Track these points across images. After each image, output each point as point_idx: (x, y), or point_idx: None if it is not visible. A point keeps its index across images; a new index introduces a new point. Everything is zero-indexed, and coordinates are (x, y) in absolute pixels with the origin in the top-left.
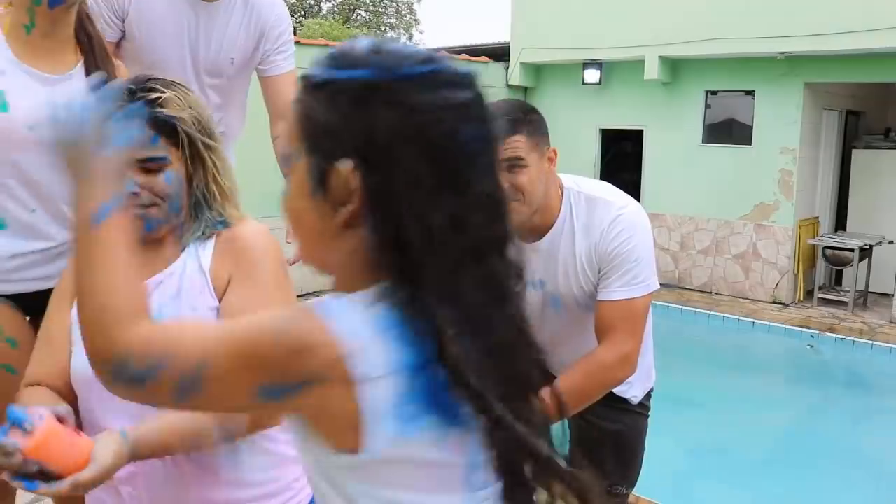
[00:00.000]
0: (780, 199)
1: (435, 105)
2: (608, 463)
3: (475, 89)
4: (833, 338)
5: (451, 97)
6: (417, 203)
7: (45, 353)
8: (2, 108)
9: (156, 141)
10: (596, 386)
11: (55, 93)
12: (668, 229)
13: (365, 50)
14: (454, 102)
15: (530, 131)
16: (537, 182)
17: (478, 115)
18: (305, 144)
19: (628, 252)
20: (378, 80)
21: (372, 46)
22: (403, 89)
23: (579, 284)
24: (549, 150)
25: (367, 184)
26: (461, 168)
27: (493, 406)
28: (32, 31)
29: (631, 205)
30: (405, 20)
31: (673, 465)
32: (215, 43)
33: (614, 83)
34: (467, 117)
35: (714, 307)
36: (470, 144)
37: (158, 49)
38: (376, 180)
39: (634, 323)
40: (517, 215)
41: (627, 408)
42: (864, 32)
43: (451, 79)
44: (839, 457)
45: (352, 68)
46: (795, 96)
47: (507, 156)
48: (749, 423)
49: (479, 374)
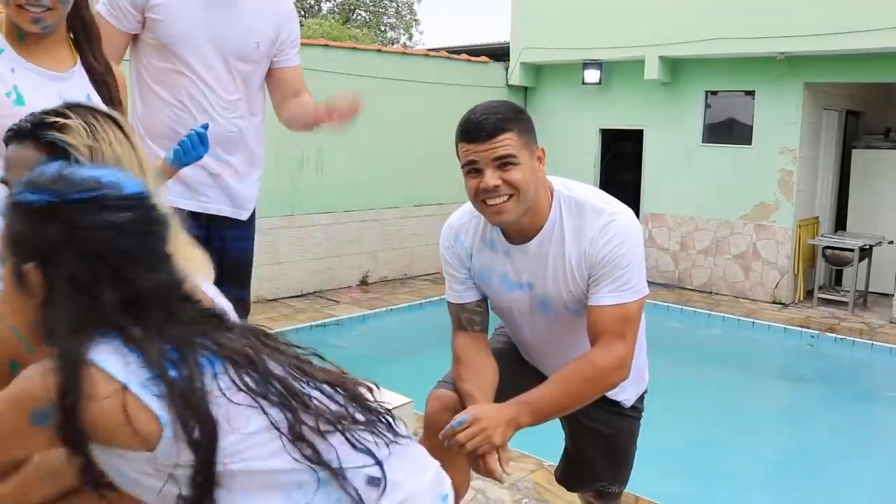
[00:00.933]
0: (780, 199)
1: (93, 224)
2: (600, 464)
3: (139, 208)
4: (833, 338)
5: (110, 217)
6: (74, 295)
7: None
8: (18, 102)
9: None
10: (589, 390)
11: (62, 89)
12: (668, 229)
13: (49, 177)
14: (112, 222)
15: (520, 130)
16: (529, 179)
17: (136, 230)
18: (7, 249)
19: (619, 258)
20: (52, 204)
21: (54, 174)
22: (70, 211)
23: (568, 288)
24: (538, 149)
25: (46, 280)
26: (120, 268)
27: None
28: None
29: (622, 211)
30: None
31: (673, 465)
32: (239, 28)
33: (614, 83)
34: (125, 232)
35: (714, 307)
36: (127, 252)
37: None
38: (50, 278)
39: (627, 328)
40: (507, 213)
41: (621, 411)
42: (864, 32)
43: (114, 202)
44: (839, 457)
45: (36, 192)
46: (795, 96)
47: (499, 153)
48: (749, 423)
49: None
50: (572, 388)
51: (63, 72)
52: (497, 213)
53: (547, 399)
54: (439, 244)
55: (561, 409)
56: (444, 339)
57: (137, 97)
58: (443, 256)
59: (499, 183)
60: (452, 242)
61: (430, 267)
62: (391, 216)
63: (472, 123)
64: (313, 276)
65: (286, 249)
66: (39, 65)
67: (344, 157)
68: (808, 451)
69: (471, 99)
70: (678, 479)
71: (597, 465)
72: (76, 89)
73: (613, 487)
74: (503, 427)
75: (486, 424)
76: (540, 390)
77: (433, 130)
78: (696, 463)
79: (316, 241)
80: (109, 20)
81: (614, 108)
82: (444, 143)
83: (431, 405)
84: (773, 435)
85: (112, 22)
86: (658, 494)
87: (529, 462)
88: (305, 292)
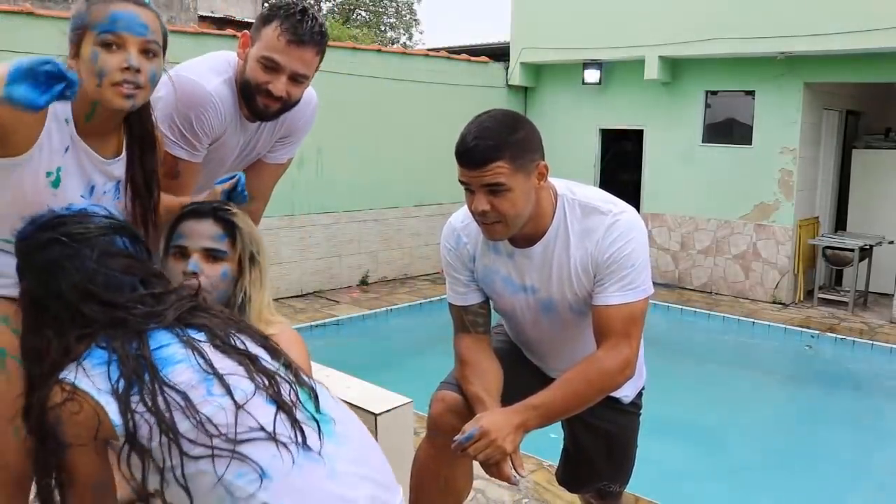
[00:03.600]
0: (780, 199)
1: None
2: (601, 462)
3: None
4: (833, 338)
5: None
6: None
7: None
8: (54, 185)
9: (223, 239)
10: (595, 390)
11: (102, 175)
12: (668, 229)
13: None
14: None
15: (513, 154)
16: (521, 204)
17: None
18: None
19: (625, 258)
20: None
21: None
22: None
23: (573, 290)
24: (540, 166)
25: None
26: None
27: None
28: (92, 119)
29: (626, 211)
30: (405, 20)
31: (673, 465)
32: (256, 146)
33: (614, 83)
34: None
35: (714, 307)
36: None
37: (218, 159)
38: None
39: (632, 327)
40: (498, 235)
41: (620, 407)
42: (864, 32)
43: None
44: (839, 457)
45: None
46: (795, 96)
47: (487, 181)
48: (749, 423)
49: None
50: (579, 389)
51: (110, 157)
52: (488, 233)
53: (554, 402)
54: (440, 245)
55: (568, 411)
56: (444, 339)
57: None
58: (444, 258)
59: (488, 208)
60: (455, 244)
61: (430, 267)
62: (391, 216)
63: (465, 146)
64: (313, 276)
65: (286, 249)
66: (92, 145)
67: (344, 158)
68: (808, 450)
69: (471, 99)
70: (678, 480)
71: (597, 462)
72: (116, 173)
73: (614, 486)
74: (512, 434)
75: (496, 436)
76: (547, 393)
77: (433, 130)
78: (695, 463)
79: (316, 241)
80: (191, 160)
81: (614, 107)
82: (444, 144)
83: (435, 407)
84: (772, 435)
85: (191, 161)
86: (658, 494)
87: (529, 462)
88: (305, 292)
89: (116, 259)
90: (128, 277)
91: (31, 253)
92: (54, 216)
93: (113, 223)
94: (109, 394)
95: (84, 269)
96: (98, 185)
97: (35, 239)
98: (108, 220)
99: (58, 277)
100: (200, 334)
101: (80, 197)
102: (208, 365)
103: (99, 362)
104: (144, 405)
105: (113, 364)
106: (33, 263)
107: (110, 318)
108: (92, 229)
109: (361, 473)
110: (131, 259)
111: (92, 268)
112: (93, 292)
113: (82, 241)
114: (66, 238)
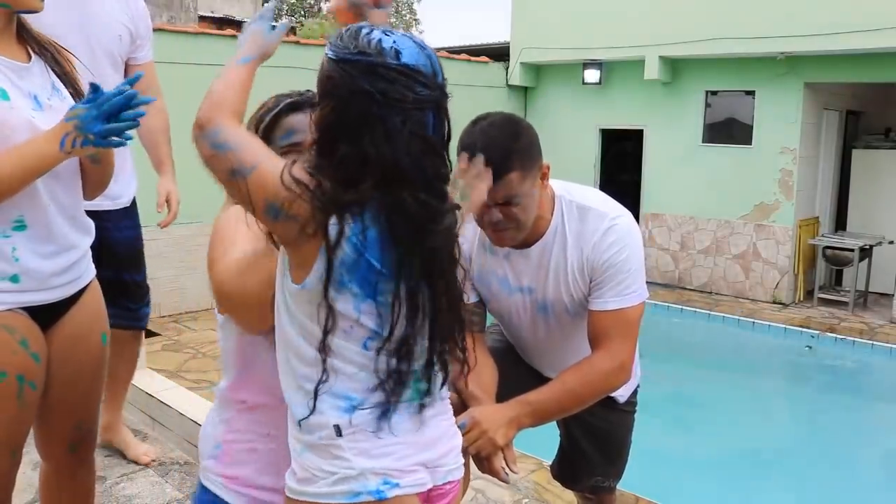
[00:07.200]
0: (780, 199)
1: (353, 83)
2: (595, 458)
3: (400, 81)
4: (833, 338)
5: (365, 82)
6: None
7: None
8: (3, 97)
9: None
10: (591, 393)
11: (27, 81)
12: (668, 229)
13: (341, 36)
14: (360, 86)
15: (522, 163)
16: (532, 208)
17: (387, 100)
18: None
19: (622, 262)
20: (331, 59)
21: (348, 34)
22: (341, 67)
23: (569, 292)
24: (543, 167)
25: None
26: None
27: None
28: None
29: (623, 215)
30: (405, 20)
31: (673, 465)
32: (101, 23)
33: (614, 83)
34: (373, 99)
35: (714, 307)
36: (366, 117)
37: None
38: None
39: (628, 331)
40: (511, 241)
41: (614, 406)
42: (864, 32)
43: (379, 69)
44: (839, 456)
45: (330, 48)
46: (795, 96)
47: (501, 195)
48: (749, 423)
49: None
50: (574, 390)
51: (25, 62)
52: (499, 241)
53: (549, 400)
54: None
55: (562, 411)
56: None
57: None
58: None
59: (501, 218)
60: None
61: None
62: None
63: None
64: None
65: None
66: (6, 55)
67: None
68: (808, 450)
69: (470, 99)
70: (678, 479)
71: (591, 458)
72: (39, 78)
73: (608, 482)
74: (504, 428)
75: (487, 427)
76: (542, 391)
77: None
78: (695, 463)
79: None
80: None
81: (614, 107)
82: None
83: None
84: (772, 435)
85: None
86: (658, 494)
87: (529, 462)
88: None
89: (418, 141)
90: (421, 171)
91: (342, 84)
92: (375, 60)
93: (432, 95)
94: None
95: (393, 143)
96: (40, 95)
97: (350, 75)
98: (426, 88)
99: (363, 134)
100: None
101: (31, 112)
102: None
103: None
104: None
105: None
106: (341, 95)
107: (390, 203)
108: (410, 98)
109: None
110: (429, 145)
111: (400, 147)
112: (400, 177)
113: (396, 108)
114: (380, 97)
